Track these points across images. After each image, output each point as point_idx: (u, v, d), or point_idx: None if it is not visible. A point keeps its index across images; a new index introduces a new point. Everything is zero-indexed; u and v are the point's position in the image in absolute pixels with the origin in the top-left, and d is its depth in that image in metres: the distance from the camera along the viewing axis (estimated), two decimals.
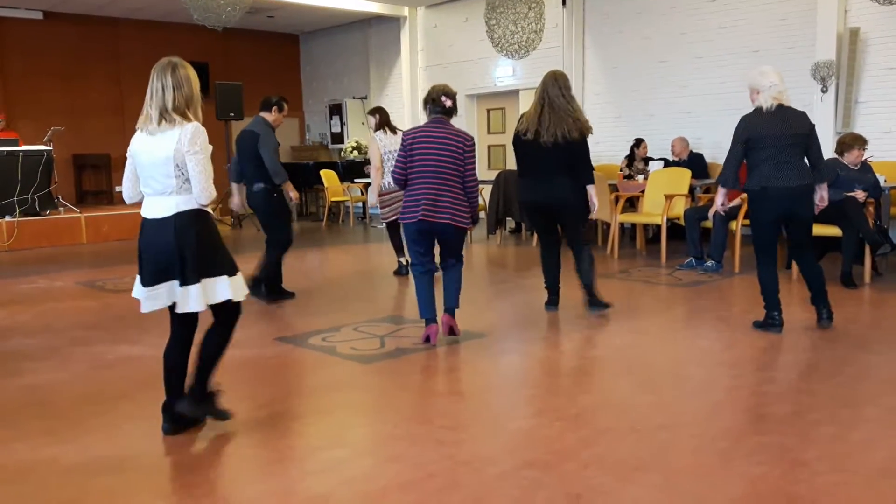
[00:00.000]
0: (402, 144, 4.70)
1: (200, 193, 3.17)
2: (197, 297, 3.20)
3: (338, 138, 15.18)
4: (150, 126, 3.20)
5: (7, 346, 5.02)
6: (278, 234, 6.26)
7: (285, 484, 2.85)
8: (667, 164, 9.19)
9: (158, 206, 3.21)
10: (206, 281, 3.21)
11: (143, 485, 2.87)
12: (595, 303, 5.51)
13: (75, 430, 3.45)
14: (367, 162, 14.15)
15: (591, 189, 5.34)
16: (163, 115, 3.17)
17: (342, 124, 15.03)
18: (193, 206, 3.20)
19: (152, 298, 3.24)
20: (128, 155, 3.32)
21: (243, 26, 13.66)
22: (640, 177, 9.10)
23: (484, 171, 13.10)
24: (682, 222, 7.68)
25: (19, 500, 2.78)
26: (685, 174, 8.20)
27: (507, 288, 6.81)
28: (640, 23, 10.50)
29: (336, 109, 15.13)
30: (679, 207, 7.89)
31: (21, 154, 10.33)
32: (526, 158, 5.37)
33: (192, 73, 3.27)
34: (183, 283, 3.18)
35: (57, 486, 2.88)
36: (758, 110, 4.75)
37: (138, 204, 3.36)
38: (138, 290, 3.29)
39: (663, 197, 7.83)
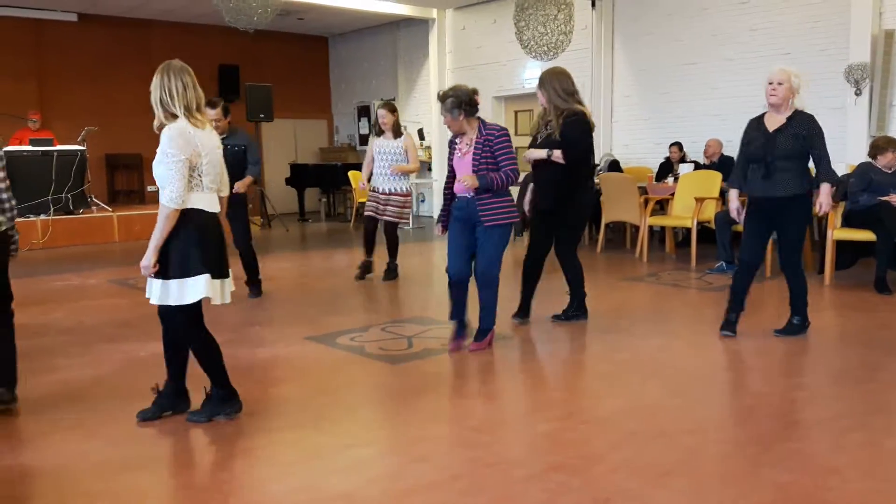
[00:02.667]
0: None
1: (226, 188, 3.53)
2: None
3: (365, 140, 15.24)
4: (195, 121, 3.29)
5: (41, 342, 5.10)
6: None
7: (312, 481, 2.87)
8: (697, 166, 9.11)
9: (217, 201, 3.48)
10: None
11: (172, 480, 2.90)
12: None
13: (106, 425, 3.50)
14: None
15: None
16: (196, 111, 3.29)
17: (370, 126, 15.08)
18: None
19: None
20: (187, 156, 3.27)
21: (273, 29, 13.76)
22: (670, 179, 9.04)
23: None
24: (712, 226, 7.61)
25: (51, 493, 2.83)
26: (716, 177, 8.12)
27: None
28: (671, 25, 10.43)
29: (364, 111, 15.21)
30: (709, 211, 7.81)
31: (55, 154, 10.51)
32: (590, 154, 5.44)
33: None
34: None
35: (88, 479, 2.93)
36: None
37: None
38: (216, 286, 3.41)
39: (693, 200, 7.76)
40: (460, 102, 4.46)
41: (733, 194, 4.93)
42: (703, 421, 3.44)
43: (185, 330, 3.43)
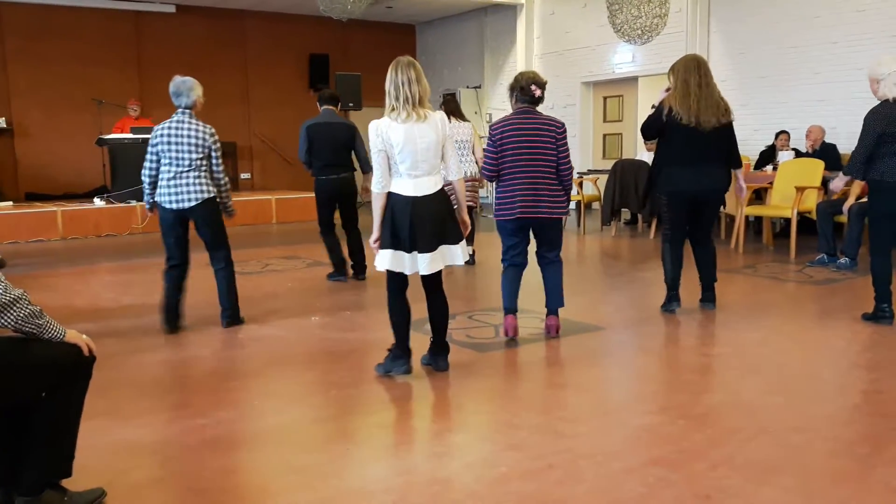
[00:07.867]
0: (490, 138, 4.50)
1: (457, 172, 3.87)
2: (462, 253, 3.91)
3: None
4: (406, 115, 3.62)
5: (144, 322, 5.32)
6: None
7: (409, 464, 2.90)
8: (797, 154, 8.75)
9: (428, 184, 3.74)
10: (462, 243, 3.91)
11: (273, 460, 2.97)
12: (712, 299, 5.32)
13: (209, 404, 3.61)
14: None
15: (740, 173, 5.36)
16: (416, 105, 3.63)
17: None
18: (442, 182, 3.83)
19: (436, 261, 3.78)
20: (381, 148, 3.67)
21: (362, 18, 13.91)
22: (769, 167, 8.71)
23: (599, 161, 12.87)
24: (813, 216, 7.30)
25: (152, 470, 2.94)
26: (818, 165, 7.77)
27: (623, 281, 6.66)
28: (770, 7, 10.02)
29: None
30: (810, 200, 7.49)
31: None
32: (682, 145, 5.03)
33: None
34: (453, 243, 3.85)
35: (190, 458, 3.02)
36: (885, 102, 4.65)
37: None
38: (403, 259, 3.75)
39: (793, 189, 7.46)
40: (510, 87, 4.58)
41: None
42: (807, 419, 3.29)
43: (387, 289, 3.91)
